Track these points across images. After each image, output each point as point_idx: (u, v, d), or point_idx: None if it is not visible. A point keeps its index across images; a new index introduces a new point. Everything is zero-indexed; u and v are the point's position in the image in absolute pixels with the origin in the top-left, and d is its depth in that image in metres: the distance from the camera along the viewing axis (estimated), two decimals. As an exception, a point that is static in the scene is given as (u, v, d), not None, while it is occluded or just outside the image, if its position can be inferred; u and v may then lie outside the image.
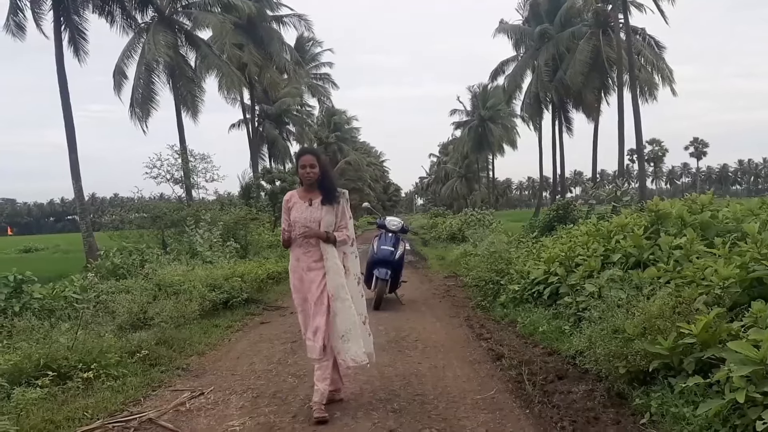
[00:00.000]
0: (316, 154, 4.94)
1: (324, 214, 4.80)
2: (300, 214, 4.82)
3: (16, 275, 7.63)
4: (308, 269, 4.79)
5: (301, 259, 4.84)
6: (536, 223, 20.03)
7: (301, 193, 4.93)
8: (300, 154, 4.97)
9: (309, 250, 4.82)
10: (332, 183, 4.94)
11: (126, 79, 27.05)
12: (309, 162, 4.81)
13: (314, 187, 4.87)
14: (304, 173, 4.82)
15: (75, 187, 21.31)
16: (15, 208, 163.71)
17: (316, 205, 4.83)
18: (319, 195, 4.85)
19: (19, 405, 4.68)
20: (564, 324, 6.71)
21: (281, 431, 4.41)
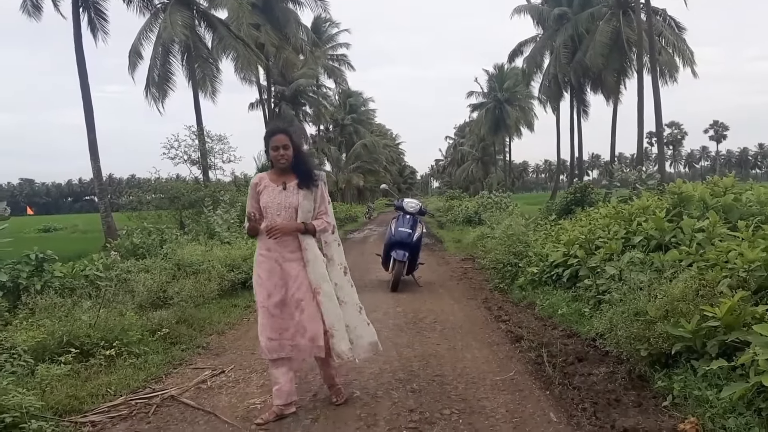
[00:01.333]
0: (289, 132, 4.30)
1: (301, 199, 4.24)
2: (272, 199, 4.25)
3: (38, 254, 7.70)
4: (284, 261, 4.22)
5: (273, 249, 4.22)
6: (553, 206, 19.94)
7: (273, 176, 4.33)
8: (270, 134, 4.28)
9: (283, 240, 4.20)
10: (308, 164, 4.39)
11: (141, 60, 27.06)
12: (281, 142, 4.23)
13: (288, 170, 4.30)
14: (276, 156, 4.23)
15: (93, 167, 21.45)
16: (33, 189, 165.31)
17: (291, 189, 4.26)
18: (294, 178, 4.29)
19: (44, 381, 4.73)
20: (584, 306, 6.68)
21: (302, 409, 4.43)
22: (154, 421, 4.34)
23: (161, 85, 27.53)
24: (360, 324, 4.51)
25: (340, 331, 4.27)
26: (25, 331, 5.66)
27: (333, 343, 4.25)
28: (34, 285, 7.24)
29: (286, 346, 4.22)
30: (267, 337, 4.21)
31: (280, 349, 4.22)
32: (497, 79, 61.11)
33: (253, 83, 36.40)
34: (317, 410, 4.42)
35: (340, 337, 4.26)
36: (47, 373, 4.83)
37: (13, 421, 3.82)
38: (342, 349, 4.28)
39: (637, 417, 3.97)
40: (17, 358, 4.78)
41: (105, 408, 4.58)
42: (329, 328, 4.23)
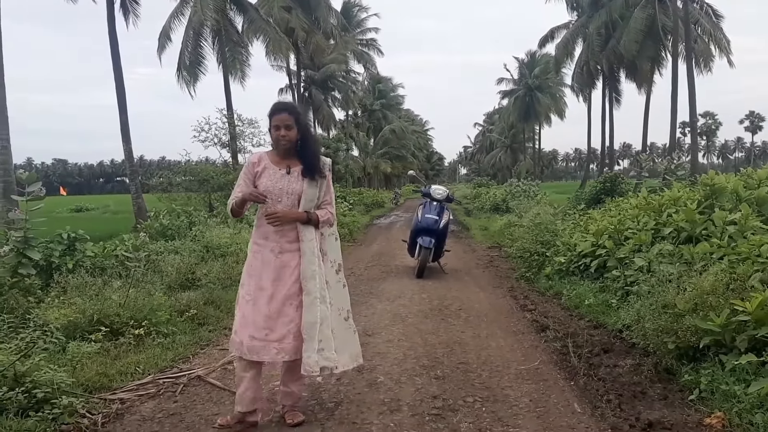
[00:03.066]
0: (295, 111, 3.89)
1: (306, 187, 3.84)
2: (274, 183, 3.83)
3: (70, 233, 7.82)
4: (281, 251, 3.82)
5: (271, 238, 3.84)
6: (582, 196, 19.73)
7: (275, 158, 3.92)
8: (273, 111, 3.87)
9: (282, 228, 3.82)
10: (315, 150, 3.97)
11: (170, 42, 27.25)
12: (284, 121, 3.82)
13: (291, 153, 3.90)
14: (277, 135, 3.83)
15: (125, 149, 21.72)
16: (66, 169, 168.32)
17: (295, 174, 3.86)
18: (298, 163, 3.88)
19: (75, 358, 4.83)
20: (611, 298, 6.62)
21: (326, 392, 4.47)
22: (181, 400, 4.41)
23: (192, 69, 27.74)
24: (344, 331, 3.99)
25: (311, 341, 3.70)
26: (57, 309, 5.78)
27: (303, 349, 3.72)
28: (66, 264, 7.36)
29: (271, 349, 3.72)
30: (250, 334, 3.73)
31: (263, 351, 3.72)
32: (528, 66, 60.50)
33: (283, 68, 36.56)
34: (340, 394, 4.45)
35: (309, 348, 3.69)
36: (78, 351, 4.92)
37: (45, 396, 3.91)
38: (307, 361, 3.69)
39: (663, 410, 3.94)
40: (49, 336, 4.87)
41: (134, 386, 4.67)
42: (303, 333, 3.72)
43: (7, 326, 5.07)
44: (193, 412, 4.19)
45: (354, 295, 8.32)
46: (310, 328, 3.71)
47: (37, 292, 6.45)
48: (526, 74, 60.31)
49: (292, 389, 3.98)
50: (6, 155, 15.15)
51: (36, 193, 6.52)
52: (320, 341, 3.72)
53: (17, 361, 4.05)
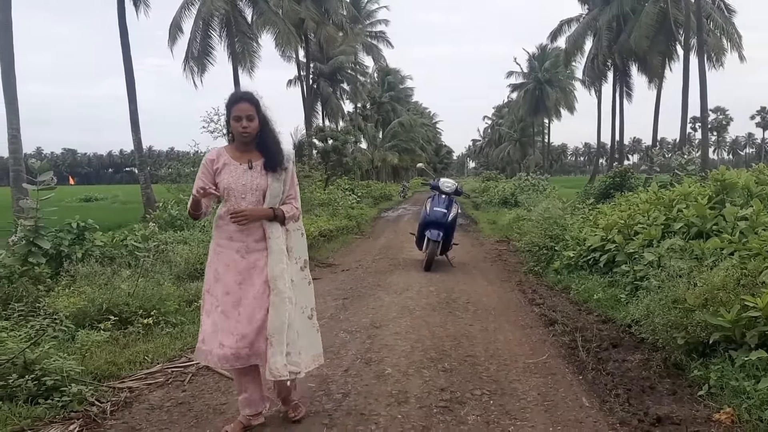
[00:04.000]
0: (255, 101, 3.59)
1: (271, 181, 3.58)
2: (235, 179, 3.55)
3: (79, 222, 7.85)
4: (247, 251, 3.56)
5: (236, 238, 3.57)
6: (592, 190, 19.69)
7: (234, 152, 3.63)
8: (232, 101, 3.57)
9: (247, 227, 3.56)
10: (276, 141, 3.66)
11: (181, 33, 27.30)
12: (245, 112, 3.53)
13: (251, 145, 3.63)
14: (238, 127, 3.53)
15: (134, 139, 21.80)
16: (75, 159, 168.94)
17: (258, 169, 3.59)
18: (259, 156, 3.62)
19: (84, 346, 4.85)
20: (620, 292, 6.60)
21: (334, 384, 4.47)
22: (190, 390, 4.42)
23: (200, 59, 27.77)
24: (307, 331, 3.75)
25: (279, 344, 3.46)
26: (66, 298, 5.82)
27: (269, 353, 3.45)
28: (75, 253, 7.40)
29: (242, 356, 3.48)
30: (220, 342, 3.48)
31: (234, 359, 3.47)
32: (538, 59, 60.24)
33: (292, 59, 36.48)
34: (348, 385, 4.45)
35: (277, 351, 3.45)
36: (87, 339, 4.95)
37: (54, 384, 3.94)
38: (275, 364, 3.44)
39: (672, 405, 3.92)
40: (59, 324, 4.91)
41: (142, 375, 4.69)
42: (269, 335, 3.46)
43: (17, 314, 5.11)
44: (201, 402, 4.20)
45: (361, 287, 8.37)
46: (278, 330, 3.46)
47: (46, 280, 6.49)
48: (536, 67, 60.05)
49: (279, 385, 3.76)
50: (17, 144, 15.23)
51: (47, 183, 6.54)
52: (288, 344, 3.49)
53: (27, 348, 4.07)
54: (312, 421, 3.80)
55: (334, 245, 13.20)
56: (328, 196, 18.87)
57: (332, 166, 26.49)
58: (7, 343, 4.09)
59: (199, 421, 3.82)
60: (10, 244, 6.83)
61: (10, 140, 15.06)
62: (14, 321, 4.92)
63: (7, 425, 3.52)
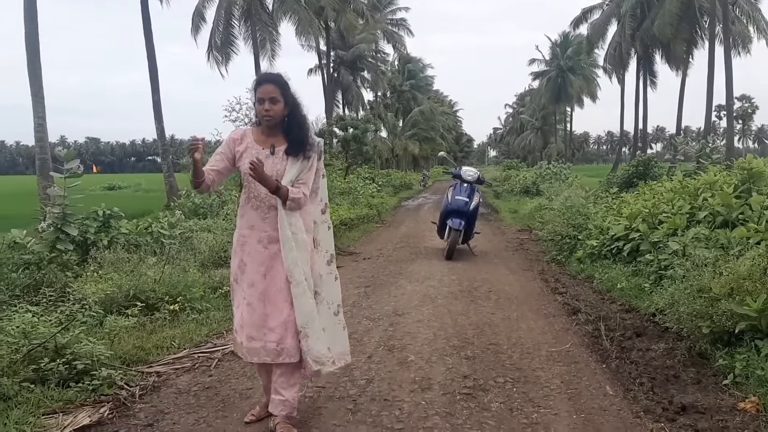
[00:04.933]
0: (281, 83, 3.44)
1: (288, 166, 3.43)
2: None
3: (105, 210, 7.95)
4: (269, 241, 3.41)
5: (258, 227, 3.45)
6: (614, 179, 19.52)
7: (259, 136, 3.51)
8: (258, 83, 3.46)
9: (268, 215, 3.42)
10: (302, 127, 3.51)
11: (204, 22, 27.44)
12: (269, 94, 3.39)
13: (278, 129, 3.49)
14: (261, 110, 3.41)
15: (157, 128, 21.95)
16: (99, 147, 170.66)
17: (279, 154, 3.45)
18: (283, 141, 3.48)
19: (112, 332, 4.93)
20: (644, 281, 6.56)
21: (358, 370, 4.51)
22: (216, 375, 4.49)
23: (224, 49, 27.92)
24: (333, 327, 3.59)
25: (315, 332, 3.37)
26: (94, 284, 5.91)
27: (308, 345, 3.35)
28: (101, 240, 7.50)
29: (271, 350, 3.38)
30: (248, 335, 3.41)
31: (264, 353, 3.39)
32: (560, 47, 59.65)
33: (313, 48, 36.49)
34: (372, 372, 4.49)
35: (315, 337, 3.37)
36: (115, 325, 5.03)
37: (85, 368, 4.01)
38: (319, 352, 3.37)
39: (696, 394, 3.91)
40: (88, 309, 4.99)
41: (169, 360, 4.76)
42: (301, 328, 3.35)
43: (47, 300, 5.20)
44: (227, 386, 4.26)
45: (383, 275, 8.41)
46: (310, 319, 3.35)
47: (74, 267, 6.59)
48: (559, 55, 59.49)
49: (286, 397, 3.46)
50: (42, 133, 15.42)
51: (74, 170, 6.64)
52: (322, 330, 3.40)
53: (58, 333, 4.15)
54: (337, 407, 3.84)
55: (355, 234, 13.25)
56: (349, 185, 18.92)
57: (352, 155, 26.50)
58: (39, 327, 4.17)
59: (225, 405, 3.88)
60: (39, 231, 6.95)
61: (36, 129, 15.25)
62: (44, 306, 5.01)
63: (39, 408, 3.60)
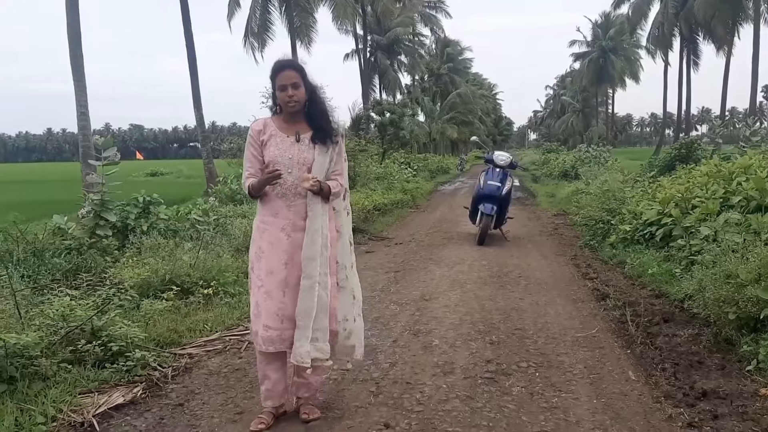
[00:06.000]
0: (300, 68, 3.42)
1: (317, 154, 3.39)
2: (282, 152, 3.37)
3: (145, 196, 8.18)
4: (293, 229, 3.36)
5: (282, 215, 3.38)
6: (656, 162, 19.15)
7: (281, 124, 3.45)
8: (277, 69, 3.39)
9: (294, 203, 3.37)
10: (325, 112, 3.48)
11: (239, 8, 27.67)
12: (291, 80, 3.34)
13: (300, 116, 3.44)
14: (284, 96, 3.36)
15: (196, 116, 22.27)
16: (142, 134, 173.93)
17: (306, 141, 3.40)
18: (307, 128, 3.44)
19: (148, 315, 5.12)
20: (675, 267, 6.49)
21: (382, 354, 4.60)
22: (246, 357, 4.62)
23: (260, 35, 28.16)
24: (350, 316, 3.57)
25: (304, 329, 3.33)
26: (131, 269, 6.12)
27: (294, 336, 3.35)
28: (140, 226, 7.73)
29: (287, 339, 3.35)
30: (264, 324, 3.35)
31: (279, 341, 3.35)
32: (602, 28, 58.54)
33: (350, 33, 36.49)
34: (396, 355, 4.58)
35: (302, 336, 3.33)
36: (151, 308, 5.21)
37: (119, 350, 4.19)
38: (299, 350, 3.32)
39: (719, 380, 3.91)
40: (124, 293, 5.18)
41: (202, 342, 4.92)
42: (296, 317, 3.34)
43: (86, 284, 5.41)
44: (256, 368, 4.36)
45: (413, 260, 8.47)
46: (306, 315, 3.31)
47: (114, 252, 6.82)
48: (600, 36, 58.43)
49: (309, 380, 3.54)
50: (85, 121, 15.79)
51: (111, 158, 6.85)
52: (315, 330, 3.33)
53: (94, 316, 4.33)
54: (359, 389, 3.94)
55: (389, 219, 13.32)
56: (384, 169, 18.97)
57: (389, 140, 26.52)
58: (77, 311, 4.35)
59: (253, 387, 4.00)
60: (80, 218, 7.20)
61: (79, 117, 15.63)
62: (83, 290, 5.22)
63: (76, 387, 3.78)
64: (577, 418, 3.50)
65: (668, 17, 37.19)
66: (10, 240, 6.37)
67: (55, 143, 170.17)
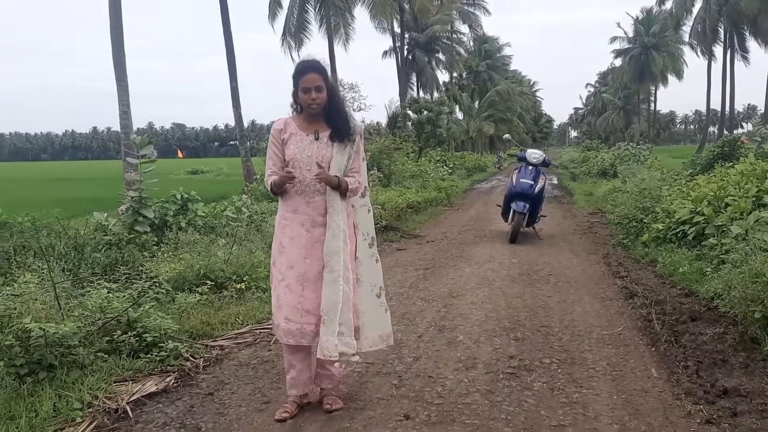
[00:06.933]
0: (323, 71, 3.55)
1: (335, 152, 3.52)
2: (302, 150, 3.50)
3: (183, 194, 8.42)
4: (312, 225, 3.50)
5: (301, 211, 3.52)
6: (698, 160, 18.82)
7: (301, 123, 3.59)
8: (301, 71, 3.50)
9: (313, 200, 3.51)
10: (343, 111, 3.61)
11: (280, 9, 28.03)
12: (314, 83, 3.47)
13: (319, 116, 3.56)
14: (307, 99, 3.47)
15: (235, 115, 22.60)
16: (184, 132, 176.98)
17: (324, 140, 3.53)
18: (326, 127, 3.56)
19: (182, 308, 5.31)
20: (706, 266, 6.43)
21: (407, 348, 4.69)
22: (274, 349, 4.75)
23: (297, 35, 28.47)
24: (374, 310, 3.71)
25: (331, 323, 3.41)
26: (167, 263, 6.33)
27: (322, 331, 3.42)
28: (178, 222, 7.96)
29: (308, 332, 3.48)
30: (285, 317, 3.49)
31: (300, 335, 3.49)
32: (643, 23, 57.51)
33: (387, 31, 36.60)
34: (420, 350, 4.66)
35: (328, 331, 3.41)
36: (185, 302, 5.40)
37: (153, 341, 4.36)
38: (326, 345, 3.39)
39: (741, 378, 3.90)
40: (159, 287, 5.37)
41: (233, 335, 5.08)
42: (322, 313, 3.43)
43: (123, 277, 5.62)
44: (283, 360, 4.51)
45: (443, 258, 8.54)
46: (332, 309, 3.41)
47: (151, 247, 7.04)
48: (641, 32, 57.39)
49: (332, 371, 3.69)
50: (127, 120, 16.20)
51: (148, 156, 7.07)
52: (341, 324, 3.43)
53: (130, 308, 4.52)
54: (382, 381, 4.04)
55: (422, 217, 13.38)
56: (419, 167, 19.02)
57: (426, 138, 26.56)
58: (114, 302, 4.55)
59: (280, 378, 4.12)
60: (119, 214, 7.45)
61: (121, 116, 16.04)
62: (121, 284, 5.42)
63: (111, 375, 3.97)
64: (596, 413, 3.54)
65: (711, 13, 36.42)
66: (53, 235, 6.65)
67: (100, 141, 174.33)
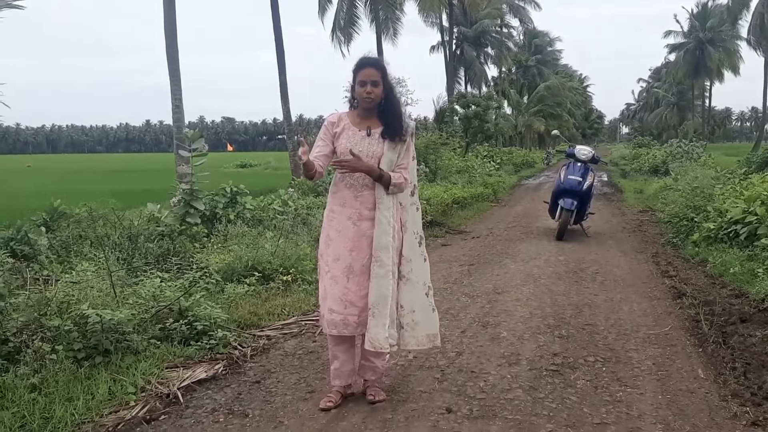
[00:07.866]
0: (382, 67, 3.59)
1: (386, 149, 3.55)
2: (352, 145, 3.52)
3: (232, 187, 8.61)
4: (359, 218, 3.54)
5: (349, 204, 3.56)
6: (754, 158, 18.33)
7: (355, 118, 3.63)
8: (360, 66, 3.56)
9: (362, 194, 3.55)
10: (397, 110, 3.65)
11: (330, 4, 28.23)
12: (372, 77, 3.51)
13: (373, 112, 3.60)
14: (362, 92, 3.52)
15: (283, 109, 22.82)
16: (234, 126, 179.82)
17: (376, 136, 3.57)
18: (378, 124, 3.60)
19: (231, 298, 5.46)
20: (758, 267, 6.29)
21: (450, 343, 4.72)
22: (319, 340, 4.84)
23: (346, 29, 28.62)
24: (422, 308, 3.72)
25: (381, 316, 3.46)
26: (217, 255, 6.50)
27: (371, 324, 3.47)
28: (227, 215, 8.15)
29: (350, 323, 3.53)
30: (329, 308, 3.55)
31: (343, 326, 3.53)
32: (699, 18, 55.93)
33: (435, 25, 36.49)
34: (463, 345, 4.69)
35: (379, 323, 3.46)
36: (233, 292, 5.55)
37: (204, 329, 4.51)
38: (376, 336, 3.46)
39: (791, 381, 3.82)
40: (209, 277, 5.52)
41: (279, 325, 5.20)
42: (371, 306, 3.48)
43: (175, 267, 5.80)
44: (328, 351, 4.60)
45: (488, 254, 8.54)
46: (382, 302, 3.47)
47: (202, 239, 7.23)
48: (697, 26, 55.83)
49: (376, 363, 3.72)
50: (179, 114, 16.53)
51: (199, 150, 7.25)
52: (389, 317, 3.49)
53: (182, 297, 4.67)
54: (425, 375, 4.09)
55: (468, 213, 13.36)
56: (466, 163, 18.95)
57: (473, 133, 26.42)
58: (166, 291, 4.71)
59: (324, 368, 4.20)
60: (171, 206, 7.67)
61: (173, 110, 16.38)
62: (172, 273, 5.60)
63: (163, 362, 4.12)
64: (640, 413, 3.52)
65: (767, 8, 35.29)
66: (108, 225, 6.89)
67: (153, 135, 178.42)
